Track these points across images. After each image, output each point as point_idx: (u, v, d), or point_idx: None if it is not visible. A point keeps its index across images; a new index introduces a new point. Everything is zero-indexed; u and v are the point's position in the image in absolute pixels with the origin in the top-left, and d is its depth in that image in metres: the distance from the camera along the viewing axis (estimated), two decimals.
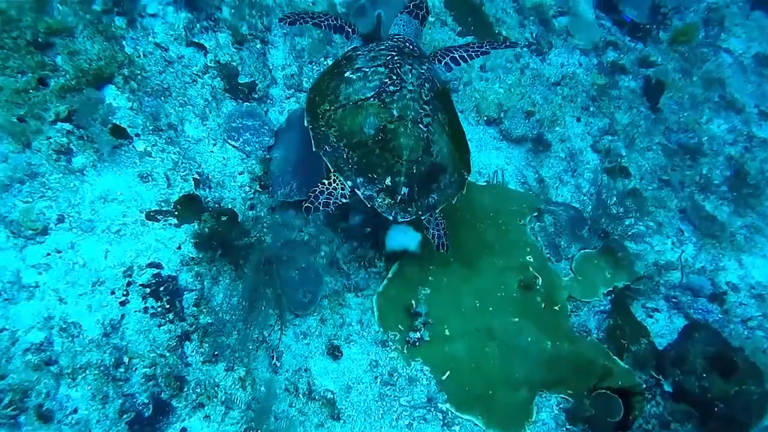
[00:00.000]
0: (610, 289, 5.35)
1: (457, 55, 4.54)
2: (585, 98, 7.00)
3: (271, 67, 5.23)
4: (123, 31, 4.38)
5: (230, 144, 4.54)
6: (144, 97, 4.26)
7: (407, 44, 4.27)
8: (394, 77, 3.77)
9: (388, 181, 3.59)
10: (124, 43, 4.36)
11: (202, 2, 5.00)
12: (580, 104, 6.90)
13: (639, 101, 7.44)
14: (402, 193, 3.61)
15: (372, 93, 3.71)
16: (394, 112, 3.65)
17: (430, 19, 6.52)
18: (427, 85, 3.88)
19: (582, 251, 5.55)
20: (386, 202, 3.61)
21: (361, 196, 3.61)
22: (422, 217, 3.80)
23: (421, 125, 3.68)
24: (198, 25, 4.87)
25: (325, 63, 5.53)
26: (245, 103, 4.83)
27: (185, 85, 4.56)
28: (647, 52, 7.86)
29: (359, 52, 4.13)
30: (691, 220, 6.53)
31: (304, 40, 5.54)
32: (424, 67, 4.03)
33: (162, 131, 4.24)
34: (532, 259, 5.07)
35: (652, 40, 8.02)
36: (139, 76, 4.30)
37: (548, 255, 5.41)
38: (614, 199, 5.80)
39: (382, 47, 4.12)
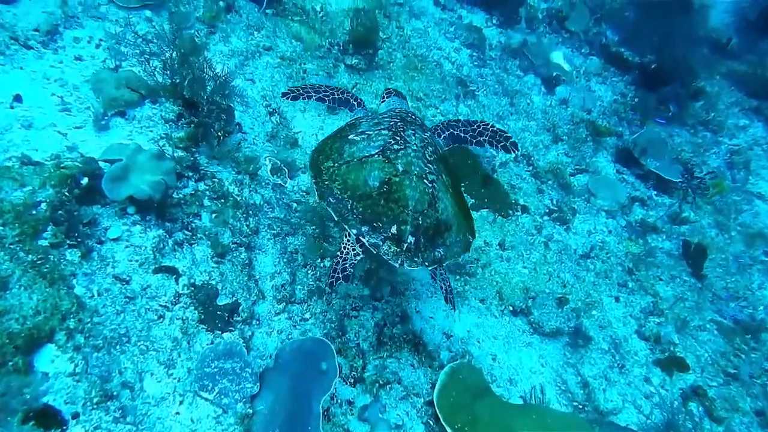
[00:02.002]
0: None
1: (457, 133, 4.60)
2: (621, 272, 6.12)
3: (257, 278, 4.42)
4: (75, 266, 3.60)
5: (202, 397, 3.58)
6: (92, 354, 3.37)
7: (409, 114, 4.37)
8: (398, 138, 3.85)
9: (393, 229, 3.53)
10: (74, 282, 3.56)
11: (177, 212, 4.30)
12: (616, 280, 6.01)
13: (680, 267, 6.56)
14: (408, 241, 3.54)
15: (376, 151, 3.75)
16: (399, 167, 3.67)
17: None
18: (430, 148, 3.94)
19: None
20: (392, 249, 3.53)
21: (367, 245, 3.54)
22: (429, 269, 3.74)
23: (425, 181, 3.68)
24: (170, 242, 4.12)
25: (321, 264, 4.72)
26: (224, 336, 3.94)
27: (149, 324, 3.69)
28: (677, 207, 7.11)
29: (362, 120, 4.26)
30: None
31: (296, 239, 4.79)
32: (426, 133, 4.13)
33: (112, 398, 3.30)
34: None
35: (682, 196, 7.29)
36: (89, 324, 3.44)
37: None
38: (681, 417, 4.69)
39: (385, 115, 4.23)
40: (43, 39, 4.82)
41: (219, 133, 4.89)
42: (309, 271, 4.64)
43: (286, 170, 5.37)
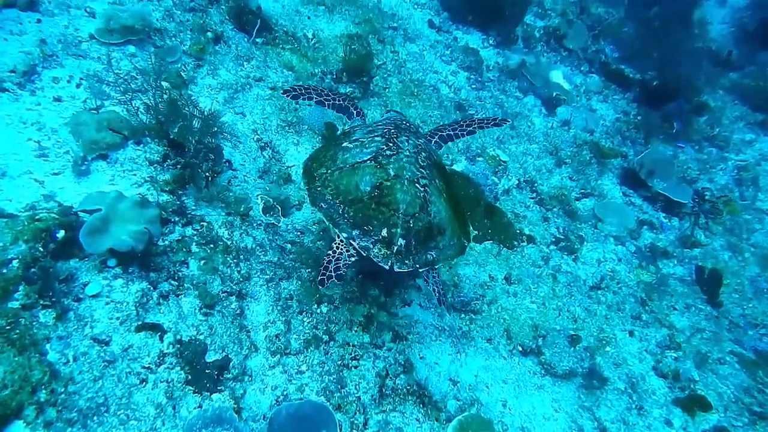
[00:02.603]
0: None
1: (445, 134, 4.65)
2: (634, 303, 5.82)
3: (249, 329, 4.13)
4: (49, 329, 3.32)
5: None
6: (65, 430, 3.06)
7: (404, 121, 4.44)
8: (391, 144, 3.90)
9: (384, 232, 3.57)
10: (47, 347, 3.27)
11: (162, 260, 4.02)
12: (629, 312, 5.71)
13: (694, 295, 6.26)
14: (399, 244, 3.57)
15: (368, 157, 3.80)
16: (391, 172, 3.72)
17: None
18: (423, 153, 3.98)
19: None
20: (382, 252, 3.57)
21: (357, 248, 3.57)
22: (420, 271, 3.71)
23: (417, 185, 3.71)
24: (155, 294, 3.84)
25: (318, 310, 4.43)
26: (213, 397, 3.63)
27: (130, 390, 3.40)
28: (689, 231, 6.83)
29: (357, 128, 4.34)
30: None
31: (291, 283, 4.51)
32: (420, 140, 4.16)
33: None
34: None
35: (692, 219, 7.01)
36: (63, 395, 3.15)
37: None
38: None
39: (380, 123, 4.31)
40: (20, 80, 4.59)
41: (207, 174, 4.64)
42: (305, 319, 4.35)
43: (279, 208, 5.10)
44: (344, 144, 4.03)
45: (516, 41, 9.34)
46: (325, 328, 4.30)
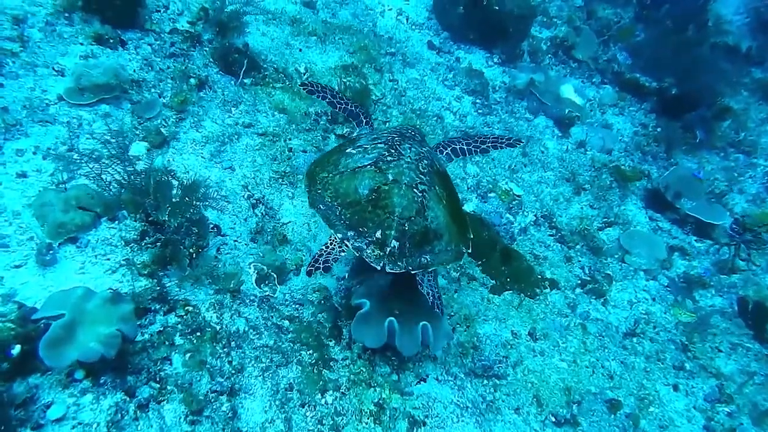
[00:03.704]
0: None
1: (458, 147, 4.64)
2: (674, 350, 5.24)
3: None
4: None
5: None
6: None
7: (410, 130, 4.45)
8: (393, 151, 3.98)
9: (378, 234, 3.66)
10: None
11: (141, 360, 3.52)
12: (671, 362, 5.13)
13: (739, 330, 5.64)
14: (392, 245, 3.65)
15: (369, 162, 3.88)
16: (389, 176, 3.80)
17: (454, 274, 5.07)
18: (425, 161, 4.03)
19: None
20: (375, 253, 3.66)
21: (351, 248, 3.68)
22: (413, 272, 3.74)
23: (416, 190, 3.78)
24: (132, 406, 3.35)
25: (323, 401, 3.90)
26: None
27: None
28: (729, 265, 6.22)
29: (363, 134, 4.50)
30: None
31: (290, 370, 3.99)
32: (424, 148, 4.21)
33: None
34: None
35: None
36: None
37: None
38: None
39: (386, 131, 4.36)
40: None
41: (191, 250, 4.14)
42: (308, 413, 3.83)
43: (275, 276, 4.60)
44: (348, 150, 4.12)
45: (522, 56, 8.79)
46: (331, 422, 3.78)
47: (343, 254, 3.76)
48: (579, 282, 5.64)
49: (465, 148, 4.65)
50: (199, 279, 4.14)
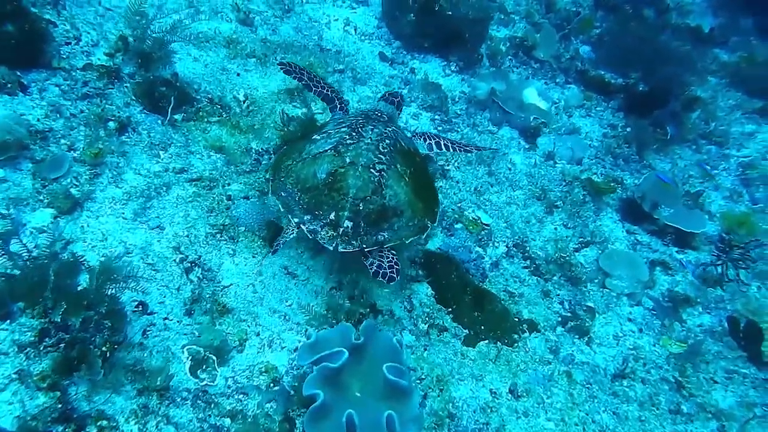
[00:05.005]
0: None
1: (442, 142, 5.05)
2: (669, 391, 4.77)
3: None
4: None
5: None
6: None
7: (376, 112, 4.68)
8: (354, 134, 4.15)
9: (332, 215, 3.81)
10: None
11: None
12: (666, 405, 4.69)
13: (731, 352, 5.27)
14: (345, 226, 3.80)
15: (330, 147, 4.06)
16: (347, 159, 3.95)
17: (423, 326, 4.50)
18: (387, 141, 4.17)
19: None
20: (329, 234, 3.81)
21: (306, 231, 3.85)
22: (366, 250, 3.86)
23: (372, 170, 3.93)
24: None
25: None
26: None
27: None
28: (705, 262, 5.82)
29: (330, 121, 4.70)
30: None
31: None
32: (389, 129, 4.33)
33: None
34: None
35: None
36: None
37: None
38: None
39: (353, 115, 4.58)
40: None
41: (104, 348, 3.45)
42: None
43: (215, 359, 3.95)
44: (314, 136, 4.29)
45: (481, 60, 8.24)
46: None
47: (291, 236, 3.94)
48: (559, 319, 5.12)
49: (449, 144, 5.08)
50: (116, 381, 3.46)
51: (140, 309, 4.06)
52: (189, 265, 4.53)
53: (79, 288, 3.45)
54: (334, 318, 4.37)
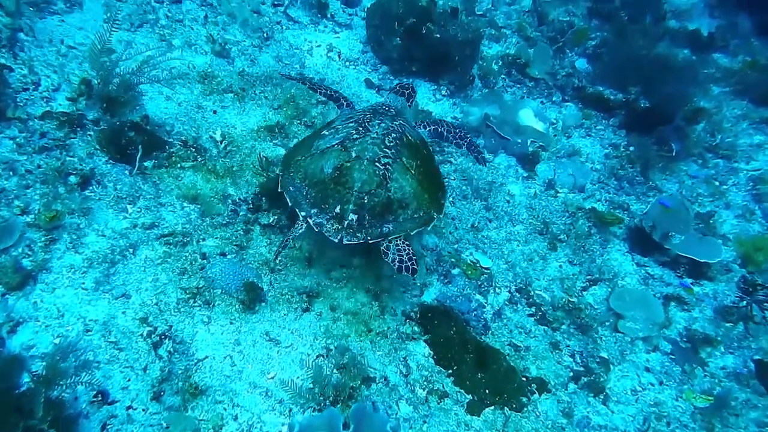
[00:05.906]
0: None
1: (441, 130, 5.30)
2: None
3: None
4: None
5: None
6: None
7: (384, 107, 4.77)
8: (361, 129, 4.25)
9: (337, 209, 3.93)
10: None
11: None
12: None
13: (761, 400, 4.77)
14: (349, 219, 3.91)
15: (337, 142, 4.17)
16: (353, 154, 4.06)
17: (421, 393, 4.03)
18: (393, 134, 4.27)
19: None
20: (334, 227, 3.93)
21: (312, 225, 3.95)
22: (371, 242, 3.97)
23: (378, 164, 4.02)
24: None
25: None
26: None
27: None
28: (743, 328, 5.34)
29: (338, 116, 4.85)
30: None
31: None
32: (396, 123, 4.45)
33: None
34: None
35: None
36: None
37: None
38: None
39: (360, 111, 4.71)
40: None
41: None
42: None
43: None
44: (323, 132, 4.41)
45: (473, 82, 7.80)
46: None
47: (300, 231, 4.03)
48: (571, 375, 4.67)
49: (445, 134, 5.21)
50: None
51: (99, 399, 3.59)
52: (158, 338, 4.07)
53: (22, 389, 2.97)
54: (321, 395, 3.90)
